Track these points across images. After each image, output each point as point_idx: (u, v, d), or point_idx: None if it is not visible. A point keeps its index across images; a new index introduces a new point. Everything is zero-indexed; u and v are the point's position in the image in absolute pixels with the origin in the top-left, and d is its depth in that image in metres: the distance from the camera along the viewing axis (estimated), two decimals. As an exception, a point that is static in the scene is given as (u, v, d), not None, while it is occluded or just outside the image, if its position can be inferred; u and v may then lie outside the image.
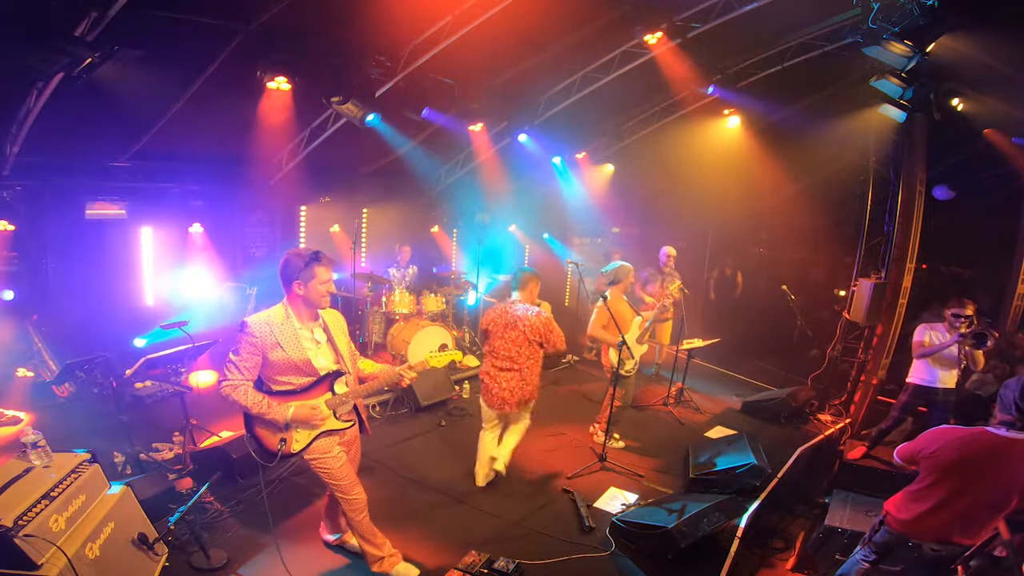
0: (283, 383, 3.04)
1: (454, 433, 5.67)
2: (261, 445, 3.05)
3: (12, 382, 5.63)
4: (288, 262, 2.98)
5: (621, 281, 5.31)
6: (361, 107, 5.86)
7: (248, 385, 2.95)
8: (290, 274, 2.96)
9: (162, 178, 6.82)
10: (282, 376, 3.02)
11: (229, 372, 2.95)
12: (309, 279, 2.96)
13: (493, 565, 3.55)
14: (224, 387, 2.94)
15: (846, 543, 3.99)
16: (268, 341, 2.93)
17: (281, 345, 2.95)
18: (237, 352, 2.94)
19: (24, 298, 5.92)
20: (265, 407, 2.95)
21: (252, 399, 2.93)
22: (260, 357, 2.95)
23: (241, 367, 2.94)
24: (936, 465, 2.84)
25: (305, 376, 3.05)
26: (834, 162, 7.61)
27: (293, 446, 3.06)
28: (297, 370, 3.02)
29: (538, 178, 9.86)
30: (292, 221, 8.47)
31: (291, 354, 2.97)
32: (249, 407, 2.93)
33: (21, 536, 2.51)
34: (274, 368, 2.99)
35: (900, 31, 4.70)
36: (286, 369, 3.00)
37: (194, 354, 4.98)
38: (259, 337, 2.91)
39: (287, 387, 3.04)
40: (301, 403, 3.03)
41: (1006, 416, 2.77)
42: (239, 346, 2.93)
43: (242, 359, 2.93)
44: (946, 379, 4.83)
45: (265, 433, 3.05)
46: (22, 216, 5.88)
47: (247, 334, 2.91)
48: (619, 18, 6.13)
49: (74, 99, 4.81)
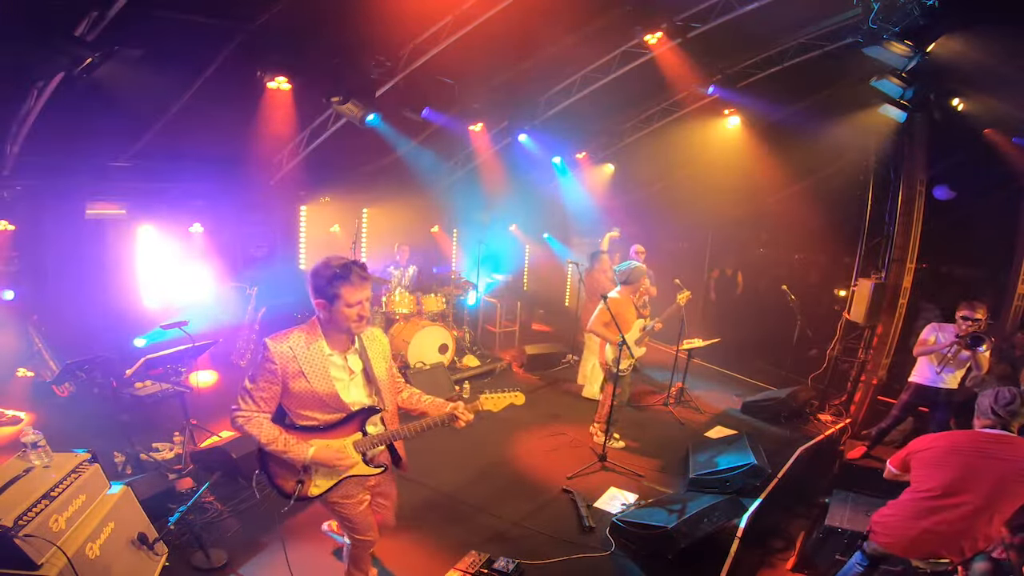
0: (306, 418, 2.59)
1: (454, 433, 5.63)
2: (274, 484, 2.65)
3: (12, 382, 5.63)
4: (309, 279, 2.50)
5: (633, 283, 5.31)
6: (361, 107, 5.86)
7: (264, 417, 2.52)
8: (312, 291, 2.50)
9: (162, 178, 6.82)
10: (304, 410, 2.58)
11: (243, 402, 2.50)
12: (333, 300, 2.45)
13: (493, 565, 3.55)
14: (236, 418, 2.50)
15: (846, 543, 3.99)
16: (290, 369, 2.49)
17: (305, 374, 2.50)
18: (253, 379, 2.50)
19: (24, 298, 5.92)
20: (282, 444, 2.51)
21: (267, 434, 2.50)
22: (279, 387, 2.51)
23: (256, 397, 2.49)
24: (930, 459, 2.89)
25: (332, 412, 2.59)
26: (834, 162, 7.61)
27: (311, 490, 2.64)
28: (322, 404, 2.57)
29: (538, 178, 9.86)
30: (292, 221, 8.47)
31: (315, 385, 2.52)
32: (264, 443, 2.50)
33: (21, 536, 2.51)
34: (295, 400, 2.55)
35: (900, 31, 4.69)
36: (309, 403, 2.56)
37: (194, 354, 4.98)
38: (279, 364, 2.47)
39: (310, 423, 2.60)
40: (325, 443, 2.58)
41: (985, 421, 2.86)
42: (256, 372, 2.50)
43: (258, 388, 2.49)
44: (949, 380, 4.83)
45: (280, 472, 2.63)
46: (22, 216, 5.89)
47: (266, 359, 2.48)
48: (619, 18, 6.14)
49: (74, 99, 4.82)
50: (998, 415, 2.80)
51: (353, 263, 2.49)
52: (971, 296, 4.89)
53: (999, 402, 2.82)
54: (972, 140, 6.11)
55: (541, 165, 9.30)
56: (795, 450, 5.46)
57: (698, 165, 9.04)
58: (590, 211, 10.20)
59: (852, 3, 5.22)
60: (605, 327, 5.11)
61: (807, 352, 7.59)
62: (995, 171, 6.19)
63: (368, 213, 9.09)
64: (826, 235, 8.41)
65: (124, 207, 6.49)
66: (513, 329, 9.08)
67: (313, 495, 2.66)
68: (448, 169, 9.28)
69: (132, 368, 4.66)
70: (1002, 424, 2.80)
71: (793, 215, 8.71)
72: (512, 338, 9.02)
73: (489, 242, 9.13)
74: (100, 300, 6.34)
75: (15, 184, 5.74)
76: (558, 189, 10.02)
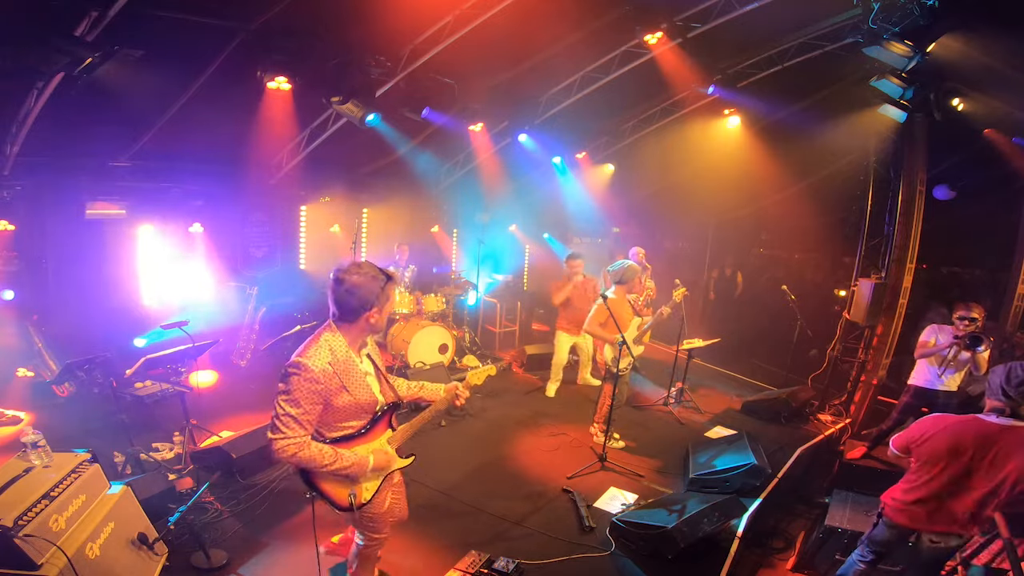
0: (343, 428, 2.53)
1: (454, 433, 5.66)
2: (328, 499, 2.56)
3: (12, 382, 5.63)
4: (360, 288, 2.39)
5: (627, 282, 5.32)
6: (361, 107, 5.86)
7: (310, 440, 2.41)
8: (366, 300, 2.41)
9: (162, 178, 6.82)
10: (343, 422, 2.52)
11: (288, 429, 2.31)
12: (384, 303, 2.46)
13: (493, 565, 3.55)
14: (285, 448, 2.31)
15: (846, 543, 3.99)
16: (333, 385, 2.39)
17: (347, 388, 2.43)
18: (296, 403, 2.32)
19: (24, 298, 5.93)
20: (341, 462, 2.44)
21: (326, 456, 2.40)
22: (322, 405, 2.40)
23: (303, 421, 2.34)
24: (928, 453, 2.85)
25: (367, 416, 2.58)
26: (834, 162, 7.62)
27: (363, 495, 2.61)
28: (361, 412, 2.54)
29: (538, 178, 9.86)
30: (292, 221, 8.48)
31: (357, 396, 2.48)
32: (323, 466, 2.40)
33: (21, 536, 2.51)
34: (337, 414, 2.47)
35: (900, 31, 4.69)
36: (351, 413, 2.51)
37: (194, 354, 4.98)
38: (324, 384, 2.36)
39: (346, 432, 2.53)
40: (375, 449, 2.60)
41: (995, 403, 2.75)
42: (296, 395, 2.32)
43: (304, 411, 2.33)
44: (949, 382, 4.81)
45: (331, 487, 2.54)
46: (22, 216, 5.89)
47: (310, 380, 2.33)
48: (619, 18, 6.14)
49: (74, 99, 4.82)
50: (1008, 396, 2.67)
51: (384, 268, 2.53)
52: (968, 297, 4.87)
53: (1011, 381, 2.67)
54: (972, 140, 6.11)
55: (541, 165, 9.30)
56: (795, 450, 5.47)
57: (698, 165, 9.03)
58: (590, 211, 10.20)
59: (852, 3, 5.22)
60: (601, 327, 5.11)
61: (807, 352, 7.59)
62: (995, 171, 6.19)
63: (368, 213, 9.09)
64: (826, 235, 8.42)
65: (124, 207, 6.49)
66: (513, 329, 9.08)
67: (366, 500, 2.64)
68: (448, 169, 9.29)
69: (132, 368, 4.66)
70: (1012, 406, 2.66)
71: (793, 215, 8.72)
72: (512, 338, 9.02)
73: (489, 242, 9.14)
74: (100, 300, 6.35)
75: (15, 184, 5.74)
76: (558, 189, 10.02)
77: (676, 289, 5.68)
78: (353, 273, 2.41)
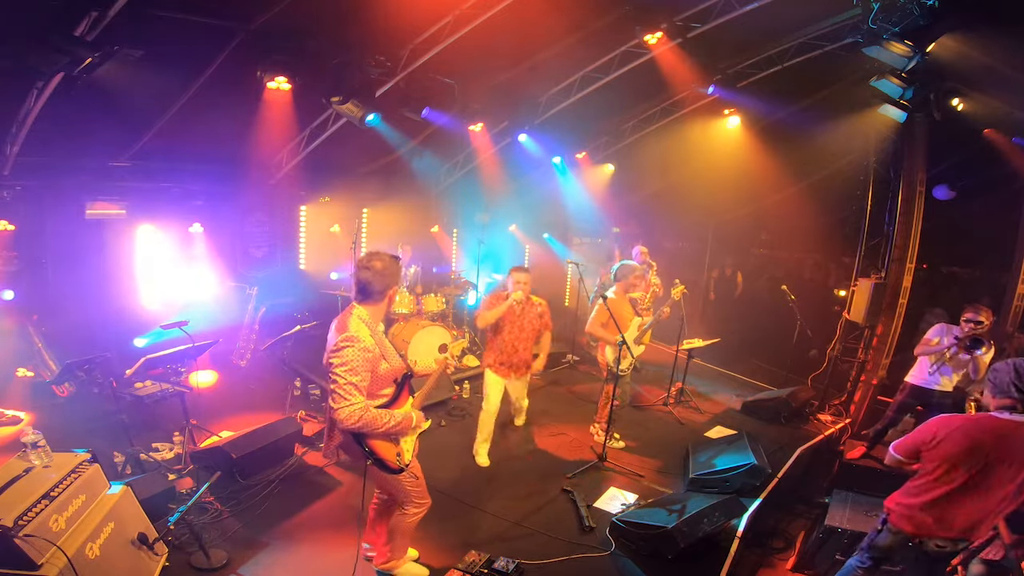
0: (381, 395, 2.87)
1: (454, 433, 5.66)
2: (379, 460, 2.87)
3: (12, 382, 5.62)
4: (386, 270, 2.81)
5: (623, 279, 5.33)
6: (361, 107, 5.85)
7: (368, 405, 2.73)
8: (392, 281, 2.83)
9: (162, 178, 6.82)
10: (381, 389, 2.86)
11: (351, 395, 2.63)
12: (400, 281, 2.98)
13: (493, 565, 3.55)
14: (353, 413, 2.62)
15: (846, 543, 3.99)
16: (376, 354, 2.75)
17: (385, 356, 2.81)
18: (355, 371, 2.64)
19: (24, 298, 5.92)
20: (396, 420, 2.79)
21: (383, 417, 2.74)
22: (371, 373, 2.73)
23: (362, 387, 2.67)
24: (945, 454, 2.73)
25: (394, 384, 2.94)
26: (834, 162, 7.62)
27: (406, 456, 2.97)
28: (393, 379, 2.91)
29: (538, 178, 9.86)
30: (292, 221, 8.47)
31: (393, 363, 2.85)
32: (383, 425, 2.74)
33: (21, 536, 2.51)
34: (377, 382, 2.81)
35: (900, 31, 4.69)
36: (387, 380, 2.87)
37: (194, 354, 4.98)
38: (373, 352, 2.71)
39: (383, 399, 2.88)
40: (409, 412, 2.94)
41: (1004, 400, 2.66)
42: (355, 364, 2.64)
43: (362, 378, 2.67)
44: (944, 382, 4.81)
45: (383, 447, 2.87)
46: (22, 216, 5.89)
47: (364, 349, 2.67)
48: (619, 18, 6.13)
49: (74, 99, 4.81)
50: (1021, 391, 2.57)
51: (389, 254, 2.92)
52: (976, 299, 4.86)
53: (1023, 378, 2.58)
54: (972, 140, 6.11)
55: (541, 165, 9.30)
56: (795, 450, 5.47)
57: (698, 165, 9.03)
58: (590, 211, 10.20)
59: (852, 3, 5.22)
60: (603, 328, 5.12)
61: (807, 352, 7.59)
62: (995, 171, 6.19)
63: (368, 213, 9.09)
64: (826, 235, 8.42)
65: (124, 207, 6.48)
66: (513, 329, 9.05)
67: (408, 461, 2.99)
68: (448, 169, 9.28)
69: (132, 368, 4.66)
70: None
71: (793, 215, 8.72)
72: (512, 338, 9.00)
73: (489, 242, 9.14)
74: (100, 300, 6.34)
75: (15, 184, 5.74)
76: (558, 189, 10.02)
77: (675, 287, 5.69)
78: (376, 260, 2.83)
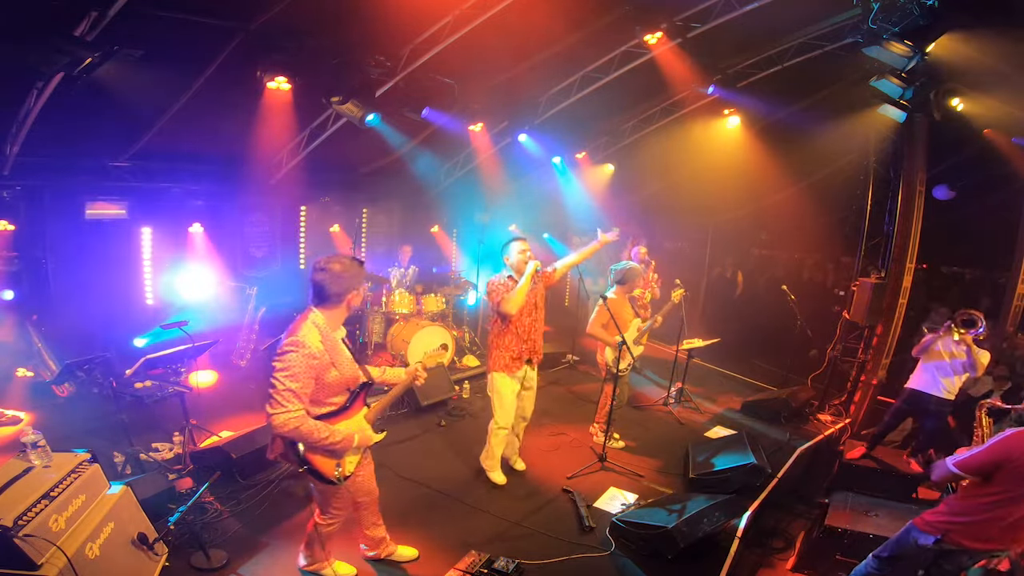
0: (329, 404, 2.77)
1: (454, 433, 5.66)
2: (318, 473, 2.78)
3: (12, 382, 5.62)
4: (344, 273, 2.69)
5: (627, 283, 5.33)
6: (361, 107, 5.86)
7: (307, 415, 2.63)
8: (349, 285, 2.71)
9: (162, 178, 6.82)
10: (330, 397, 2.76)
11: (288, 402, 2.52)
12: (360, 286, 2.77)
13: (493, 565, 3.55)
14: (288, 421, 2.52)
15: (846, 543, 3.99)
16: (324, 361, 2.64)
17: (335, 364, 2.69)
18: (295, 377, 2.54)
19: (24, 298, 5.92)
20: (334, 436, 2.67)
21: (321, 431, 2.63)
22: (315, 381, 2.64)
23: (301, 395, 2.57)
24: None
25: (348, 392, 2.83)
26: (834, 162, 7.62)
27: (347, 469, 2.88)
28: (345, 388, 2.80)
29: (538, 178, 9.86)
30: (292, 221, 8.48)
31: (344, 371, 2.74)
32: (318, 440, 2.63)
33: (21, 536, 2.51)
34: (325, 390, 2.72)
35: (900, 31, 4.69)
36: (337, 388, 2.76)
37: (194, 354, 4.98)
38: (319, 359, 2.61)
39: (331, 408, 2.77)
40: (357, 426, 2.85)
41: None
42: (296, 370, 2.54)
43: (302, 386, 2.57)
44: (945, 386, 4.75)
45: (321, 460, 2.77)
46: (22, 216, 5.89)
47: (308, 356, 2.57)
48: (619, 18, 6.13)
49: (74, 99, 4.82)
50: None
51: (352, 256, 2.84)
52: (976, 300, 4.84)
53: None
54: (972, 140, 6.11)
55: (541, 165, 9.29)
56: (795, 450, 5.47)
57: (698, 165, 9.03)
58: (590, 211, 10.20)
59: (852, 3, 5.23)
60: (603, 328, 5.12)
61: (807, 352, 7.59)
62: (995, 171, 6.19)
63: (368, 213, 9.09)
64: (826, 235, 8.42)
65: (124, 207, 6.49)
66: (513, 329, 9.05)
67: (350, 473, 2.91)
68: (448, 169, 9.28)
69: (132, 368, 4.66)
70: None
71: (793, 215, 8.73)
72: (512, 338, 9.00)
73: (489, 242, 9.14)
74: (100, 300, 6.34)
75: (15, 184, 5.74)
76: (558, 189, 10.02)
77: (675, 289, 5.69)
78: (335, 262, 2.73)
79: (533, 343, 4.41)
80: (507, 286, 4.28)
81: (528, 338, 4.37)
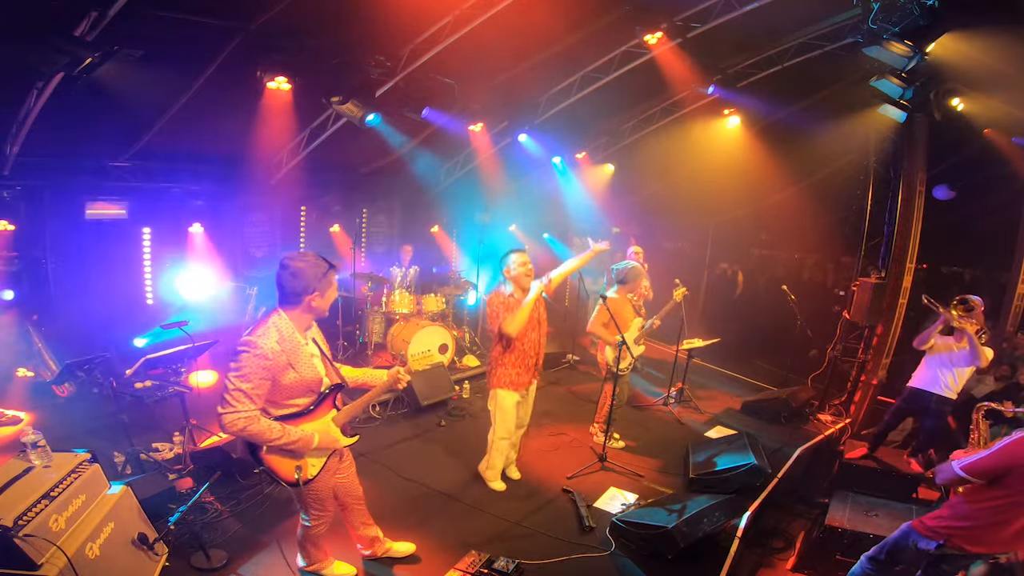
0: (289, 406, 2.73)
1: (454, 433, 5.66)
2: (276, 476, 2.76)
3: (12, 382, 5.62)
4: (303, 272, 2.63)
5: (629, 282, 5.33)
6: (361, 107, 5.86)
7: (259, 414, 2.60)
8: (307, 285, 2.63)
9: (162, 178, 6.82)
10: (290, 399, 2.72)
11: (239, 403, 2.51)
12: (326, 288, 2.70)
13: (493, 565, 3.55)
14: (236, 420, 2.51)
15: (846, 543, 3.99)
16: (280, 363, 2.60)
17: (293, 366, 2.64)
18: (246, 378, 2.53)
19: (24, 298, 5.92)
20: (288, 437, 2.63)
21: (273, 431, 2.60)
22: (270, 382, 2.61)
23: (253, 395, 2.54)
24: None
25: (312, 395, 2.78)
26: (834, 162, 7.61)
27: (309, 471, 2.82)
28: (308, 390, 2.75)
29: (538, 178, 9.86)
30: (292, 221, 8.47)
31: (304, 374, 2.68)
32: (270, 440, 2.60)
33: (21, 536, 2.51)
34: (283, 392, 2.68)
35: (900, 31, 4.69)
36: (297, 391, 2.71)
37: (194, 354, 4.98)
38: (273, 360, 2.57)
39: (292, 410, 2.74)
40: (321, 428, 2.79)
41: None
42: (247, 371, 2.53)
43: (254, 387, 2.54)
44: (948, 383, 4.72)
45: (278, 461, 2.74)
46: (22, 216, 5.89)
47: (260, 357, 2.54)
48: (619, 18, 6.13)
49: (74, 99, 4.81)
50: None
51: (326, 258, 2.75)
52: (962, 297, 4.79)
53: None
54: (972, 140, 6.11)
55: (541, 165, 9.29)
56: (795, 450, 5.47)
57: (698, 165, 9.02)
58: (590, 211, 10.20)
59: (852, 3, 5.22)
60: (604, 327, 5.12)
61: (807, 352, 7.59)
62: (995, 171, 6.19)
63: (368, 213, 9.09)
64: (826, 235, 8.42)
65: (124, 207, 6.49)
66: (513, 329, 9.04)
67: (312, 476, 2.84)
68: (448, 169, 9.28)
69: (132, 368, 4.66)
70: None
71: (793, 215, 8.72)
72: (512, 338, 8.99)
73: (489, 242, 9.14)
74: (100, 300, 6.34)
75: (15, 184, 5.74)
76: (558, 189, 10.01)
77: (676, 289, 5.69)
78: (297, 260, 2.66)
79: (537, 358, 4.34)
80: (507, 304, 4.17)
81: (534, 353, 4.30)
